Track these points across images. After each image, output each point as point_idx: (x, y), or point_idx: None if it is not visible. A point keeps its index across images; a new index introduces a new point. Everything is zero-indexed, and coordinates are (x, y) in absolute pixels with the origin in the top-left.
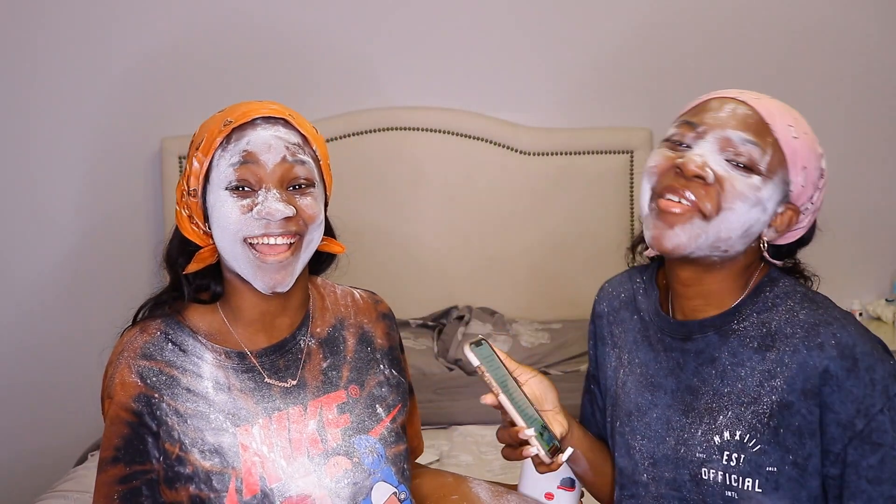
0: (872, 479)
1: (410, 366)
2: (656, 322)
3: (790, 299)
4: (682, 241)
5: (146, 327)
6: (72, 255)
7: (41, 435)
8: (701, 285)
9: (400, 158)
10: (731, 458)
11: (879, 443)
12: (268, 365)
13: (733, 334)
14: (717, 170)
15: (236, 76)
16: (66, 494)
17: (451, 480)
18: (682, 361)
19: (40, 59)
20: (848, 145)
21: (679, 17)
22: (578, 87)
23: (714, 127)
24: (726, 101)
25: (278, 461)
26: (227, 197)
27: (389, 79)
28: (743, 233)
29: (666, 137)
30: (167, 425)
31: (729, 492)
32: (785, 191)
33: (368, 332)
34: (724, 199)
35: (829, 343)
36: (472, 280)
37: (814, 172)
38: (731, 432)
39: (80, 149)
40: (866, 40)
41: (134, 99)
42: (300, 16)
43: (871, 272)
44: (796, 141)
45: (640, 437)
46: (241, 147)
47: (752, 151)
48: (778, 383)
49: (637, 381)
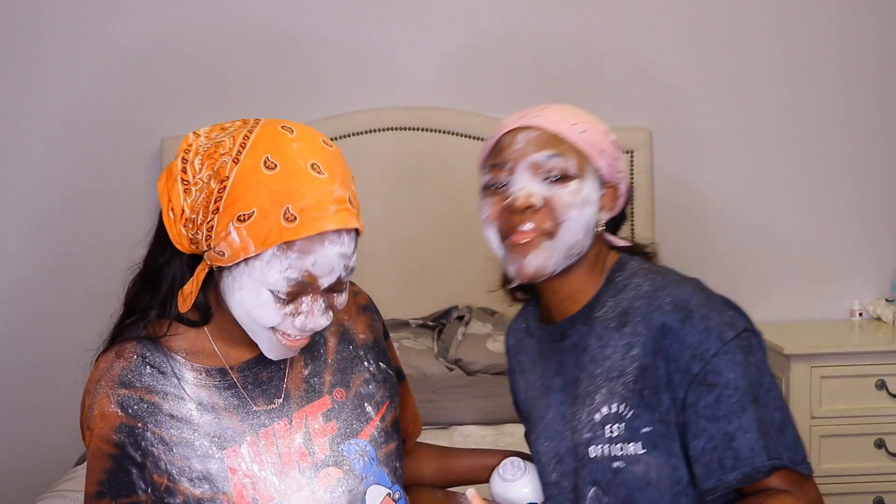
0: (710, 418)
1: (410, 366)
2: (542, 335)
3: (636, 277)
4: (539, 263)
5: (122, 352)
6: (72, 256)
7: (41, 435)
8: (564, 287)
9: (400, 158)
10: (612, 429)
11: (714, 383)
12: (250, 378)
13: (597, 321)
14: (541, 192)
15: (236, 77)
16: (66, 494)
17: (440, 496)
18: (563, 359)
19: (39, 57)
20: (848, 145)
21: (679, 17)
22: (578, 87)
23: (518, 159)
24: (516, 133)
25: (270, 479)
26: (269, 300)
27: (389, 79)
28: (585, 232)
29: (483, 187)
30: (154, 455)
31: (615, 462)
32: (598, 177)
33: (349, 330)
34: (559, 214)
35: (665, 302)
36: (472, 280)
37: (610, 149)
38: (608, 406)
39: (80, 148)
40: (866, 40)
41: (134, 99)
42: (300, 16)
43: (871, 272)
44: (585, 134)
45: (544, 439)
46: (305, 266)
47: (559, 163)
48: (636, 352)
49: (536, 393)
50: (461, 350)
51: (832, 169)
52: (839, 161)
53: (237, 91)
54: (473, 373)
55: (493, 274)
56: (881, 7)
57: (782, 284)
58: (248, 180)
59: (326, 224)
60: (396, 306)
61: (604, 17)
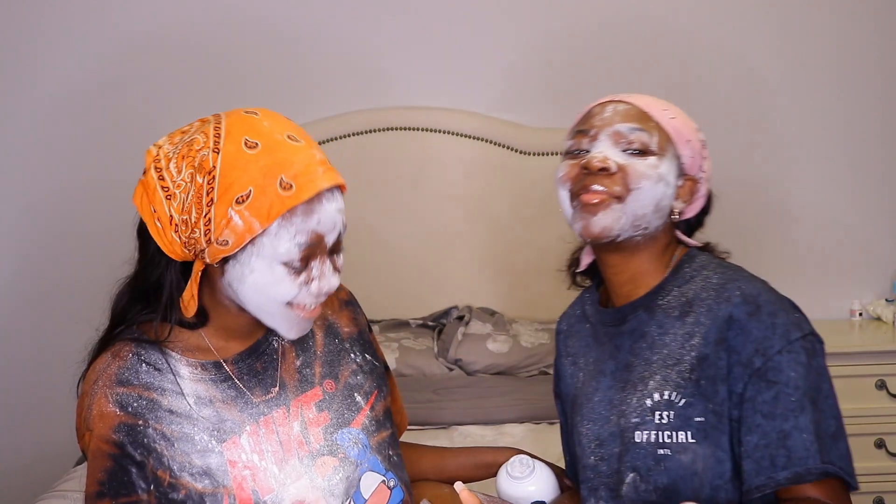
0: (767, 414)
1: (410, 366)
2: (598, 319)
3: (706, 269)
4: (606, 223)
5: (117, 352)
6: (71, 255)
7: (41, 435)
8: (628, 268)
9: (400, 158)
10: (662, 416)
11: (775, 380)
12: (245, 370)
13: (659, 309)
14: (618, 160)
15: (236, 76)
16: (66, 494)
17: (447, 492)
18: (619, 343)
19: (34, 53)
20: (848, 146)
21: (677, 17)
22: (578, 87)
23: (603, 127)
24: (606, 105)
25: (270, 468)
26: (284, 274)
27: (389, 79)
28: (655, 208)
29: (565, 151)
30: (157, 452)
31: (661, 450)
32: (678, 164)
33: (334, 324)
34: (631, 182)
35: (734, 294)
36: (472, 280)
37: (696, 144)
38: (660, 393)
39: (76, 144)
40: (867, 40)
41: (134, 97)
42: (299, 15)
43: (871, 272)
44: (674, 121)
45: (587, 421)
46: (311, 227)
47: (641, 136)
48: (696, 341)
49: (587, 376)
50: (461, 350)
51: (832, 169)
52: (839, 162)
53: (236, 91)
54: (473, 373)
55: (494, 274)
56: (884, 7)
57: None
58: (235, 163)
59: (321, 183)
60: (396, 306)
61: (613, 14)
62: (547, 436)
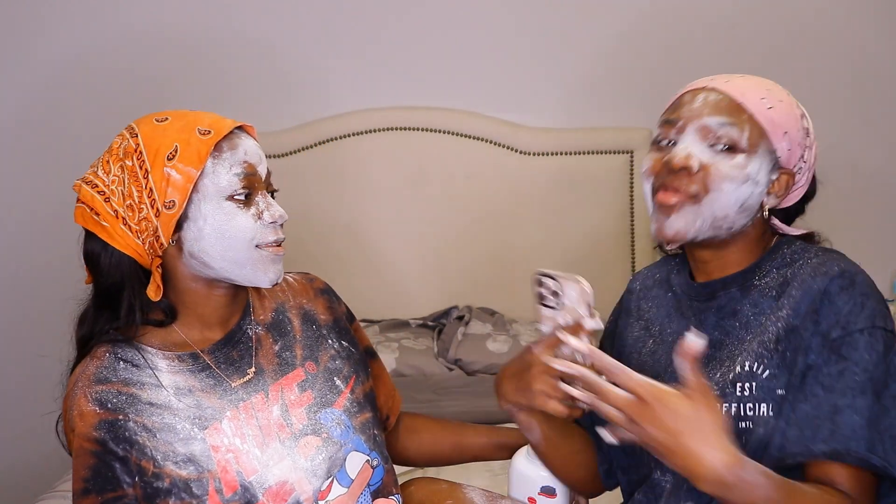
0: (827, 387)
1: (410, 366)
2: (686, 292)
3: (807, 253)
4: (680, 226)
5: (94, 354)
6: (69, 255)
7: (41, 435)
8: (720, 260)
9: (400, 158)
10: (743, 388)
11: (846, 356)
12: (222, 359)
13: (754, 289)
14: (702, 158)
15: (236, 76)
16: (66, 494)
17: (444, 487)
18: (704, 318)
19: (21, 54)
20: (847, 145)
21: (677, 16)
22: (578, 87)
23: (691, 119)
24: (698, 93)
25: (252, 451)
26: (233, 208)
27: (389, 79)
28: (739, 208)
29: (653, 140)
30: (139, 444)
31: (742, 422)
32: (773, 159)
33: (310, 311)
34: (711, 182)
35: (832, 269)
36: (472, 280)
37: (797, 134)
38: (741, 366)
39: (65, 149)
40: (866, 39)
41: (134, 97)
42: (300, 16)
43: (871, 272)
44: (772, 111)
45: None
46: (240, 157)
47: (731, 132)
48: (784, 312)
49: (668, 350)
50: (461, 350)
51: (832, 169)
52: (839, 161)
53: (236, 91)
54: (473, 373)
55: (494, 274)
56: (881, 4)
57: None
58: (154, 134)
59: (231, 124)
60: (396, 306)
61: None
62: None
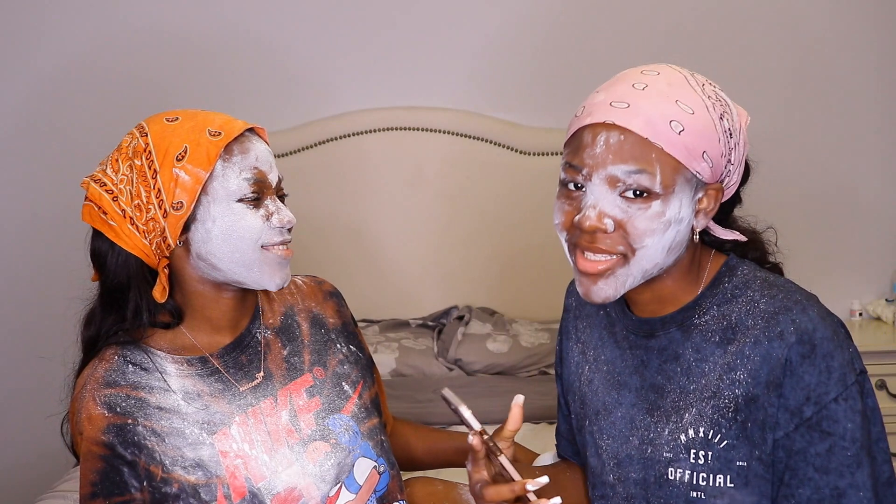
0: (820, 468)
1: (410, 366)
2: (622, 319)
3: (749, 289)
4: (609, 293)
5: (103, 356)
6: (68, 256)
7: (41, 435)
8: (653, 292)
9: (400, 158)
10: (698, 455)
11: (829, 432)
12: (231, 363)
13: (695, 329)
14: (615, 214)
15: (236, 77)
16: (66, 494)
17: (441, 487)
18: (646, 359)
19: (20, 55)
20: (847, 145)
21: (677, 15)
22: (578, 87)
23: (596, 167)
24: (597, 131)
25: (261, 457)
26: (243, 209)
27: (389, 79)
28: (668, 251)
29: (560, 181)
30: (147, 448)
31: (695, 492)
32: (694, 183)
33: (319, 315)
34: (633, 241)
35: (787, 330)
36: (472, 280)
37: (718, 146)
38: (695, 430)
39: (66, 149)
40: (864, 39)
41: (134, 99)
42: (300, 16)
43: (871, 272)
44: (683, 135)
45: (606, 436)
46: (251, 163)
47: (640, 180)
48: (741, 376)
49: (604, 380)
50: (461, 350)
51: (832, 169)
52: (839, 160)
53: (236, 92)
54: (473, 373)
55: (494, 274)
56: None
57: None
58: (164, 134)
59: (242, 126)
60: (396, 306)
61: (612, 17)
62: (547, 435)
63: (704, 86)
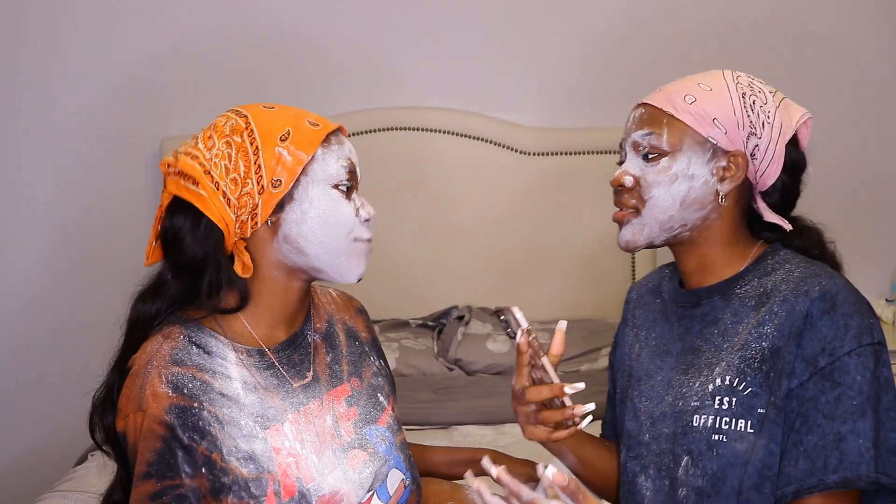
0: (827, 415)
1: (410, 366)
2: (673, 297)
3: (789, 263)
4: (629, 237)
5: (168, 333)
6: (71, 255)
7: (41, 435)
8: (693, 258)
9: (400, 158)
10: (722, 401)
11: (839, 381)
12: (284, 360)
13: (735, 297)
14: (634, 172)
15: (236, 77)
16: (66, 494)
17: (447, 487)
18: (689, 325)
19: (40, 59)
20: (847, 145)
21: (676, 15)
22: (578, 86)
23: (626, 138)
24: (633, 111)
25: (310, 457)
26: (339, 196)
27: (389, 79)
28: (681, 205)
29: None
30: (211, 434)
31: (716, 435)
32: (708, 148)
33: (352, 328)
34: (644, 193)
35: (813, 289)
36: (472, 280)
37: (732, 116)
38: (721, 378)
39: (80, 149)
40: (864, 39)
41: (134, 99)
42: (300, 16)
43: (871, 272)
44: (694, 104)
45: (645, 399)
46: (346, 154)
47: (651, 140)
48: (769, 330)
49: (651, 352)
50: (461, 350)
51: (832, 169)
52: (839, 160)
53: (237, 92)
54: (473, 373)
55: (494, 274)
56: (878, 4)
57: None
58: (264, 116)
59: (336, 124)
60: (396, 306)
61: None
62: None
63: (739, 77)
